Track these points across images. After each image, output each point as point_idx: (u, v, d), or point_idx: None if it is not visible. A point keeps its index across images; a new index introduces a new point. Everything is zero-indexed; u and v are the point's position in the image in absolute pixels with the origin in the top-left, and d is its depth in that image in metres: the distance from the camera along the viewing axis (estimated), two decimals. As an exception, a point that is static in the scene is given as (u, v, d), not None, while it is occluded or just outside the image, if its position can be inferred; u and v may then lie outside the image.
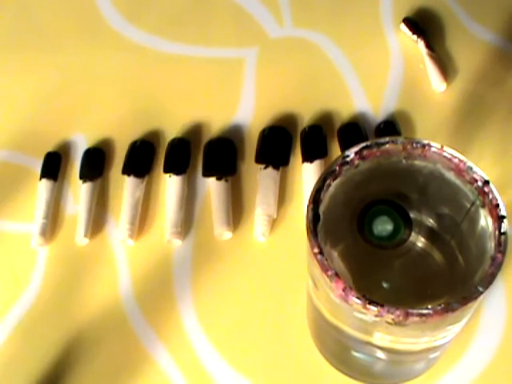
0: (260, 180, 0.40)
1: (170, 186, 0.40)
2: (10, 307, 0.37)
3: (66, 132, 0.43)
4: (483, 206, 0.26)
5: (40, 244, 0.39)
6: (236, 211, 0.39)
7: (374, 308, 0.23)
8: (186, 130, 0.43)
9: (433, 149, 0.27)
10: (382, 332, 0.26)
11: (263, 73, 0.45)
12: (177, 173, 0.40)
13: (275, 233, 0.39)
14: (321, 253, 0.24)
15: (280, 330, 0.36)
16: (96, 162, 0.42)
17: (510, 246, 0.25)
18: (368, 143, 0.27)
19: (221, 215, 0.39)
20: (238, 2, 0.49)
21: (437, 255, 0.28)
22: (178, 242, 0.39)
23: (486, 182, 0.26)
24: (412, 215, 0.28)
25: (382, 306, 0.23)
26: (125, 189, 0.40)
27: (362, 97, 0.43)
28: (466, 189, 0.26)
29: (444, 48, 0.45)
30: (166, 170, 0.41)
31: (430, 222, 0.28)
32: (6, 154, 0.43)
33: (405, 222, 0.28)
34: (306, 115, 0.43)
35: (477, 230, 0.26)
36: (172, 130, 0.43)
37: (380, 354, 0.29)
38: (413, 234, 0.28)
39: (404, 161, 0.27)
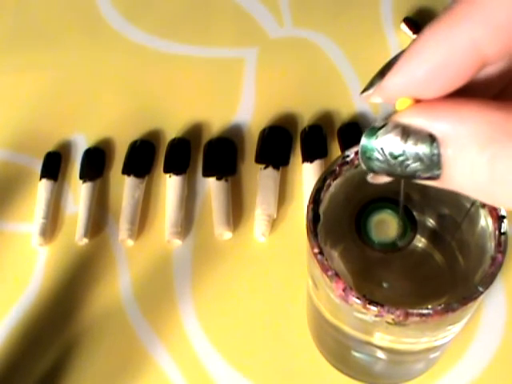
0: (260, 180, 0.40)
1: (170, 186, 0.40)
2: (9, 307, 0.37)
3: (66, 132, 0.43)
4: (483, 205, 0.26)
5: (40, 244, 0.39)
6: (236, 211, 0.39)
7: (374, 308, 0.23)
8: (186, 130, 0.43)
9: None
10: (382, 332, 0.26)
11: (263, 73, 0.45)
12: (177, 173, 0.40)
13: (275, 233, 0.39)
14: (321, 253, 0.24)
15: (280, 329, 0.36)
16: (96, 162, 0.42)
17: (510, 246, 0.25)
18: (368, 143, 0.27)
19: (221, 215, 0.39)
20: (238, 2, 0.49)
21: (437, 255, 0.28)
22: (177, 242, 0.39)
23: (486, 182, 0.26)
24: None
25: (382, 306, 0.23)
26: (125, 189, 0.40)
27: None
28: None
29: (444, 48, 0.45)
30: (166, 170, 0.41)
31: (431, 222, 0.28)
32: (6, 154, 0.43)
33: (410, 223, 0.27)
34: (306, 115, 0.43)
35: (477, 230, 0.26)
36: (172, 130, 0.43)
37: (380, 354, 0.29)
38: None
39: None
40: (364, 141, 0.17)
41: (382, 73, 0.18)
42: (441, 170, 0.16)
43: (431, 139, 0.16)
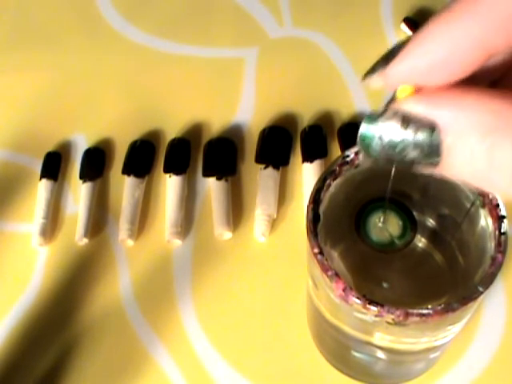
0: (260, 180, 0.40)
1: (170, 186, 0.40)
2: (9, 307, 0.37)
3: (66, 132, 0.43)
4: (483, 206, 0.26)
5: (40, 244, 0.39)
6: (236, 211, 0.39)
7: (374, 308, 0.23)
8: (186, 130, 0.43)
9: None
10: (382, 332, 0.26)
11: (263, 73, 0.45)
12: (177, 173, 0.40)
13: (275, 233, 0.39)
14: (321, 253, 0.24)
15: (280, 329, 0.36)
16: (96, 162, 0.42)
17: (510, 246, 0.25)
18: (368, 143, 0.27)
19: (221, 215, 0.39)
20: (238, 2, 0.49)
21: (437, 255, 0.28)
22: (177, 242, 0.39)
23: (486, 182, 0.26)
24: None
25: (382, 306, 0.23)
26: (125, 189, 0.40)
27: (361, 97, 0.43)
28: (466, 189, 0.26)
29: (444, 48, 0.45)
30: (166, 170, 0.41)
31: (431, 222, 0.28)
32: (6, 154, 0.43)
33: (410, 223, 0.27)
34: (306, 115, 0.43)
35: (477, 230, 0.26)
36: (172, 130, 0.43)
37: (380, 354, 0.29)
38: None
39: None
40: (363, 127, 0.17)
41: (386, 59, 0.18)
42: (440, 158, 0.17)
43: (431, 127, 0.16)
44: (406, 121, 0.17)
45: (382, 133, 0.17)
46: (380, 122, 0.17)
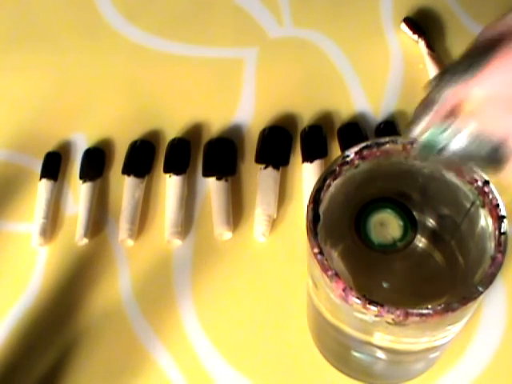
0: (260, 180, 0.40)
1: (170, 186, 0.40)
2: (10, 307, 0.37)
3: (66, 132, 0.43)
4: (483, 206, 0.26)
5: (40, 244, 0.39)
6: (236, 211, 0.39)
7: (374, 308, 0.23)
8: (186, 130, 0.43)
9: (433, 149, 0.27)
10: (382, 332, 0.26)
11: (263, 73, 0.45)
12: (177, 173, 0.40)
13: (275, 233, 0.39)
14: (321, 253, 0.24)
15: (280, 330, 0.36)
16: (96, 162, 0.42)
17: (510, 246, 0.25)
18: (368, 143, 0.27)
19: (221, 215, 0.39)
20: (238, 2, 0.49)
21: (437, 256, 0.28)
22: (177, 242, 0.39)
23: (486, 182, 0.26)
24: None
25: (382, 305, 0.23)
26: (125, 189, 0.40)
27: (361, 97, 0.43)
28: (466, 189, 0.26)
29: (444, 48, 0.45)
30: (166, 170, 0.41)
31: (431, 222, 0.28)
32: (6, 154, 0.43)
33: (411, 224, 0.27)
34: (306, 115, 0.43)
35: (477, 230, 0.26)
36: (172, 130, 0.43)
37: (380, 354, 0.29)
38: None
39: (404, 161, 0.27)
40: (429, 136, 0.18)
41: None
42: (502, 164, 0.18)
43: (497, 141, 0.17)
44: (475, 136, 0.17)
45: (449, 145, 0.18)
46: (448, 134, 0.18)
